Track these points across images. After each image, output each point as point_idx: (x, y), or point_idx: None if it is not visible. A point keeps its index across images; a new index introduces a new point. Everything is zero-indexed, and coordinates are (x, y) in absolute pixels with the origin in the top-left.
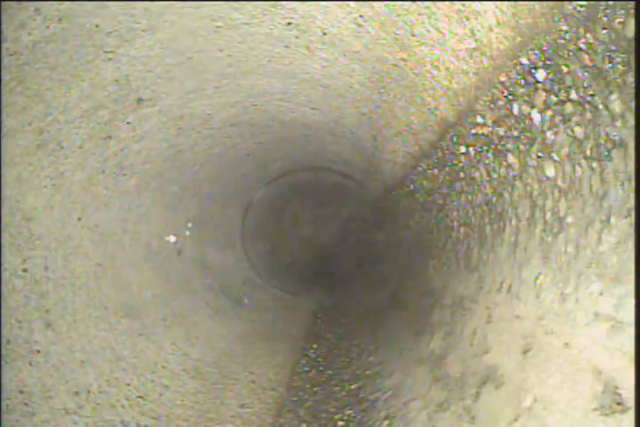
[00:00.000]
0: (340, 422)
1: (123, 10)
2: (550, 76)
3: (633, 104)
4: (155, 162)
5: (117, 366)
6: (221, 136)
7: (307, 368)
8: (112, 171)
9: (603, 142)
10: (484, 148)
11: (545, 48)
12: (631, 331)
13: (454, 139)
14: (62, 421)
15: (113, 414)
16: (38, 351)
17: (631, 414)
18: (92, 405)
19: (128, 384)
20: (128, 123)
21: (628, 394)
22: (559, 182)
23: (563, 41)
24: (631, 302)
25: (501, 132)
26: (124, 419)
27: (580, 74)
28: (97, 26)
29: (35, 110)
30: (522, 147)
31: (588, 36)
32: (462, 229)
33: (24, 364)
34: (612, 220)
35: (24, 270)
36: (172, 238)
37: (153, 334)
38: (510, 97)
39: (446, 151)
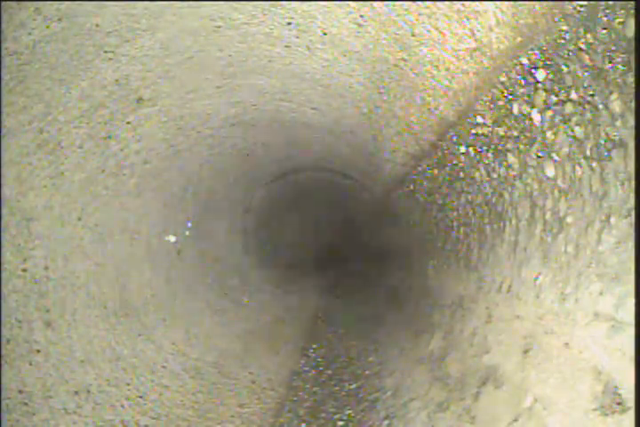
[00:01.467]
0: (340, 422)
1: (123, 10)
2: (550, 76)
3: (633, 104)
4: (155, 162)
5: (117, 365)
6: (221, 136)
7: (306, 368)
8: (112, 171)
9: (603, 142)
10: (484, 148)
11: (545, 48)
12: (631, 331)
13: (454, 139)
14: (62, 420)
15: (113, 414)
16: (38, 351)
17: (631, 414)
18: (92, 404)
19: (128, 384)
20: (128, 123)
21: (628, 394)
22: (559, 182)
23: (563, 41)
24: (631, 301)
25: (501, 132)
26: (123, 419)
27: (580, 74)
28: (97, 25)
29: (35, 110)
30: (522, 147)
31: (588, 36)
32: (462, 229)
33: (24, 363)
34: (612, 220)
35: (24, 270)
36: (172, 238)
37: (153, 334)
38: (510, 97)
39: (446, 151)
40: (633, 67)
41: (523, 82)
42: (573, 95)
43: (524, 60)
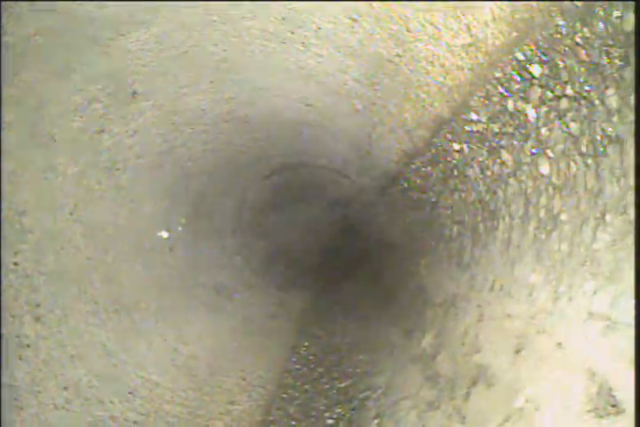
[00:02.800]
0: (330, 421)
1: (118, 4)
2: (546, 71)
3: (630, 99)
4: (148, 157)
5: (107, 361)
6: (215, 132)
7: (297, 366)
8: (105, 165)
9: (598, 138)
10: (478, 145)
11: (541, 43)
12: (627, 331)
13: (448, 136)
14: (51, 415)
15: (102, 410)
16: (28, 346)
17: (625, 416)
18: (81, 400)
19: (118, 380)
20: (122, 117)
21: (623, 396)
22: (554, 179)
23: (559, 36)
24: (626, 300)
25: (496, 128)
26: (113, 415)
27: (576, 69)
28: (92, 19)
29: (28, 103)
30: (516, 143)
31: (585, 30)
32: (455, 227)
33: (13, 358)
34: (608, 217)
35: (15, 264)
36: (165, 234)
37: (143, 329)
38: (505, 93)
39: (440, 149)
40: (632, 62)
41: (518, 78)
42: (569, 91)
43: (520, 56)
